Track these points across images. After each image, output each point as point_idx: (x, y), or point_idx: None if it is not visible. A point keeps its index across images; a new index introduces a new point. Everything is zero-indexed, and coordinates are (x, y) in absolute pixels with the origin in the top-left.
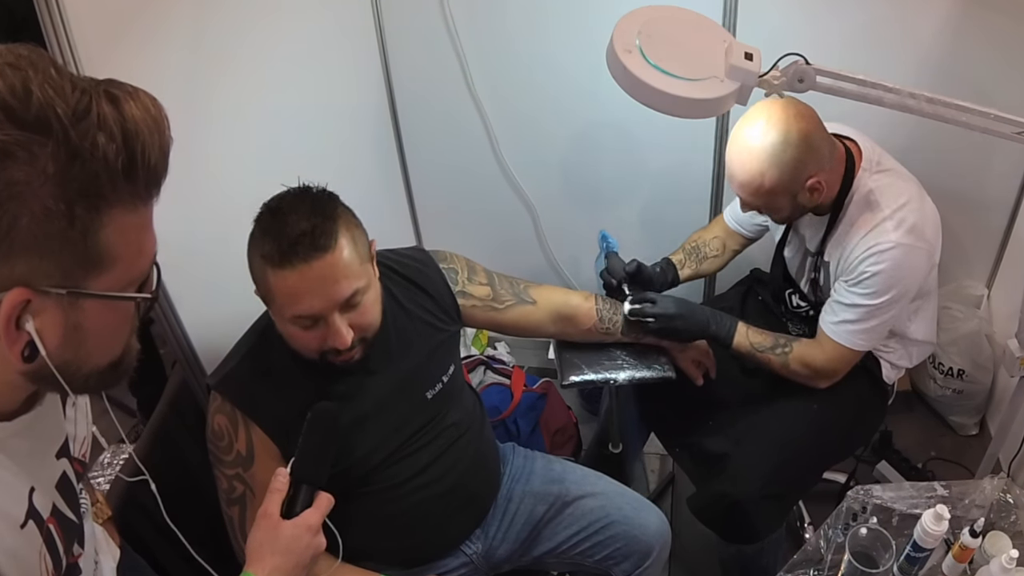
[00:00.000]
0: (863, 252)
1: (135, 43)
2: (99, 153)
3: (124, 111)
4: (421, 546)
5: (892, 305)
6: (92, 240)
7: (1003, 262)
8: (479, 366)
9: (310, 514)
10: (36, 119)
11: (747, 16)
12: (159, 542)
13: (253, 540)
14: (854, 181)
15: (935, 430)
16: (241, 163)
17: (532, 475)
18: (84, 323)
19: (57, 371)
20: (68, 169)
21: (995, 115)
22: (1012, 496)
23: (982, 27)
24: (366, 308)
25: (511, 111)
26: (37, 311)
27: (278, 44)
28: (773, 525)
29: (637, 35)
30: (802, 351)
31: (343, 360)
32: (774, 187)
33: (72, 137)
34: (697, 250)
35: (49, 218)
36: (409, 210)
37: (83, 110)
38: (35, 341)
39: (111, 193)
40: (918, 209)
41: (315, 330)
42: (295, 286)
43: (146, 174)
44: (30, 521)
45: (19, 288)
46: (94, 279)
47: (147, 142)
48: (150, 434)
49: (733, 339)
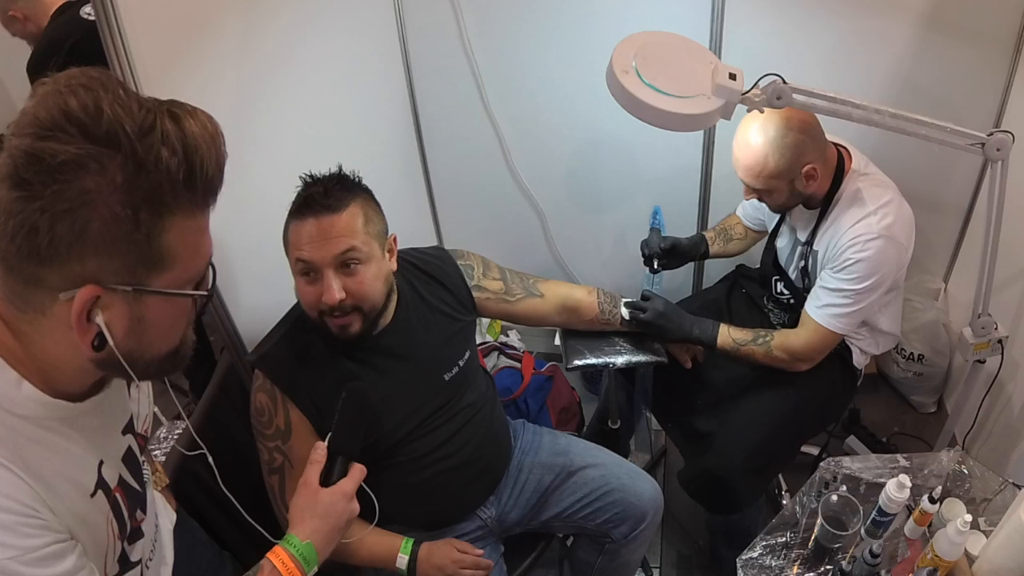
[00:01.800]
0: (849, 240)
1: (188, 68)
2: (162, 165)
3: (185, 128)
4: (441, 512)
5: (871, 292)
6: (155, 242)
7: (958, 259)
8: (493, 351)
9: (345, 483)
10: (106, 134)
11: (731, 40)
12: (209, 507)
13: (295, 506)
14: (844, 180)
15: (898, 408)
16: (282, 172)
17: (540, 448)
18: (146, 316)
19: (123, 359)
20: (135, 179)
21: (951, 128)
22: (966, 467)
23: (939, 50)
24: (363, 277)
25: (522, 126)
26: (106, 306)
27: (316, 68)
28: (754, 496)
29: (633, 58)
30: (782, 339)
31: (340, 324)
32: (775, 171)
33: (138, 150)
34: (725, 232)
35: (117, 222)
36: (431, 214)
37: (148, 127)
38: (104, 333)
39: (172, 201)
40: (898, 210)
41: (315, 283)
42: (300, 234)
43: (204, 184)
44: (99, 491)
45: (90, 285)
46: (156, 277)
47: (205, 156)
48: (201, 412)
49: (716, 340)
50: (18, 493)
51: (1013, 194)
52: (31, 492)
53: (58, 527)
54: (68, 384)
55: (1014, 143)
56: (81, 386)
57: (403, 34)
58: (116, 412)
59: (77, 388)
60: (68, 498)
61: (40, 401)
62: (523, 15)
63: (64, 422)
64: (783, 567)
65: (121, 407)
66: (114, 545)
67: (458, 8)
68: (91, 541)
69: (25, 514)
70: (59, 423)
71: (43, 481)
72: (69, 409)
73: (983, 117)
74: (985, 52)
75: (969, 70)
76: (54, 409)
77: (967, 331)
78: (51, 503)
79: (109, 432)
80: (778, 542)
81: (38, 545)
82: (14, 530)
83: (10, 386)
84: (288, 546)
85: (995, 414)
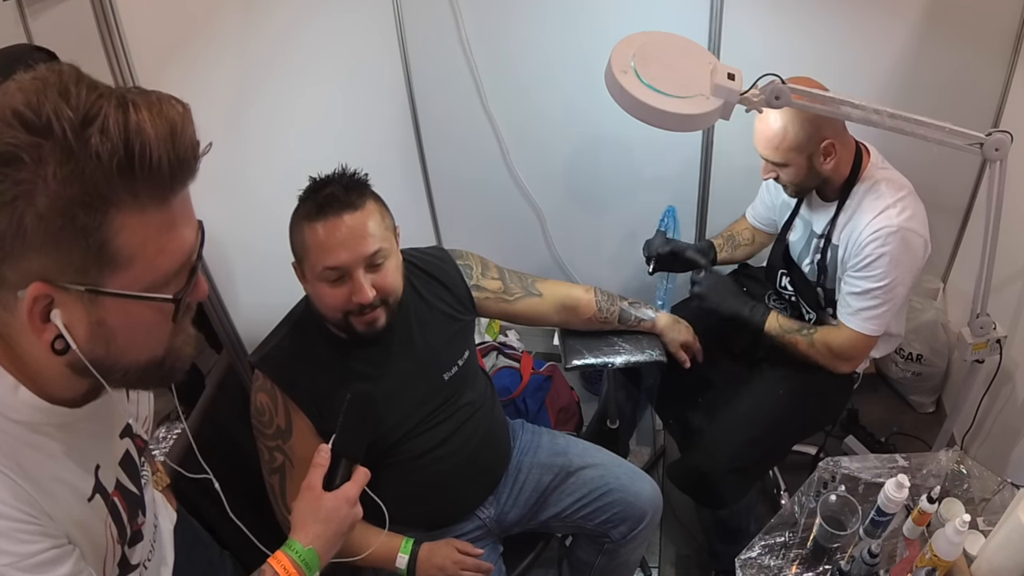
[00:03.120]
0: (870, 234)
1: (185, 67)
2: (92, 153)
3: (130, 114)
4: (440, 512)
5: (897, 287)
6: (98, 239)
7: (957, 259)
8: (492, 351)
9: (349, 487)
10: (44, 125)
11: (730, 40)
12: (209, 507)
13: (297, 511)
14: (862, 172)
15: (897, 408)
16: (280, 171)
17: (539, 448)
18: (107, 320)
19: (91, 365)
20: (69, 170)
21: (950, 128)
22: (965, 467)
23: (937, 50)
24: (388, 272)
25: (520, 127)
26: (62, 306)
27: (314, 68)
28: (737, 496)
29: (632, 58)
30: (825, 334)
31: (367, 321)
32: (795, 142)
33: (70, 139)
34: (732, 238)
35: (53, 216)
36: (430, 214)
37: (92, 116)
38: (64, 335)
39: (110, 193)
40: (915, 204)
41: (341, 286)
42: (327, 238)
43: (147, 175)
44: (96, 495)
45: (37, 283)
46: (110, 278)
47: (150, 144)
48: (200, 412)
49: (765, 323)
50: (14, 499)
51: (1012, 194)
52: (28, 497)
53: (55, 532)
54: (60, 389)
55: (1012, 143)
56: (74, 391)
57: (401, 33)
58: (113, 416)
59: (70, 393)
60: (65, 503)
61: (37, 407)
62: (521, 14)
63: (61, 428)
64: (782, 567)
65: (119, 411)
66: (113, 549)
67: (456, 7)
68: (90, 545)
69: (21, 520)
70: (56, 429)
71: (40, 486)
72: (66, 415)
73: (982, 117)
74: (984, 52)
75: (968, 70)
76: (51, 415)
77: (966, 331)
78: (48, 508)
79: (106, 437)
80: (777, 542)
81: (35, 551)
82: (10, 536)
83: (7, 391)
84: (290, 551)
85: (994, 414)
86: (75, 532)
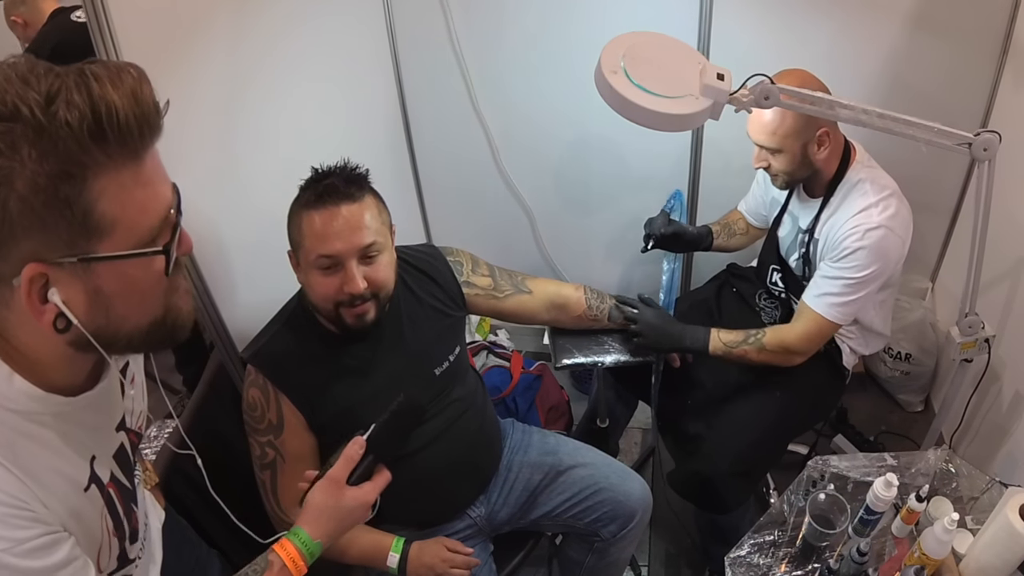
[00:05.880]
0: (850, 229)
1: (178, 67)
2: (64, 125)
3: (92, 84)
4: (431, 510)
5: (869, 282)
6: (81, 207)
7: (945, 258)
8: (482, 350)
9: (369, 492)
10: (11, 111)
11: (719, 41)
12: (198, 505)
13: (315, 501)
14: (848, 170)
15: (885, 407)
16: (270, 172)
17: (529, 447)
18: (104, 287)
19: (93, 337)
20: (43, 147)
21: (938, 128)
22: (953, 466)
23: (926, 50)
24: (380, 266)
25: (511, 127)
26: (58, 282)
27: (306, 68)
28: (742, 498)
29: (622, 58)
30: (774, 334)
31: (357, 313)
32: (792, 128)
33: (39, 116)
34: (728, 227)
35: (37, 195)
36: (420, 213)
37: (55, 92)
38: (64, 311)
39: (87, 159)
40: (899, 203)
41: (333, 275)
42: (323, 226)
43: (117, 133)
44: (92, 485)
45: (32, 264)
46: (99, 243)
47: (115, 104)
48: (192, 410)
49: (708, 346)
50: (8, 487)
51: (1000, 194)
52: (22, 487)
53: (50, 520)
54: (58, 378)
55: (1001, 143)
56: (72, 379)
57: (392, 34)
58: (110, 408)
59: (69, 381)
60: (61, 493)
61: (32, 395)
62: (511, 15)
63: (58, 417)
64: (771, 565)
65: (115, 404)
66: (109, 541)
67: (447, 8)
68: (85, 535)
69: (15, 506)
70: (52, 418)
71: (34, 476)
72: (63, 404)
73: (970, 117)
74: (972, 52)
75: (956, 70)
76: (47, 404)
77: (954, 330)
78: (43, 498)
79: (103, 428)
80: (766, 540)
81: (29, 536)
82: (5, 522)
83: (1, 380)
84: (298, 542)
85: (982, 413)
86: (71, 522)
